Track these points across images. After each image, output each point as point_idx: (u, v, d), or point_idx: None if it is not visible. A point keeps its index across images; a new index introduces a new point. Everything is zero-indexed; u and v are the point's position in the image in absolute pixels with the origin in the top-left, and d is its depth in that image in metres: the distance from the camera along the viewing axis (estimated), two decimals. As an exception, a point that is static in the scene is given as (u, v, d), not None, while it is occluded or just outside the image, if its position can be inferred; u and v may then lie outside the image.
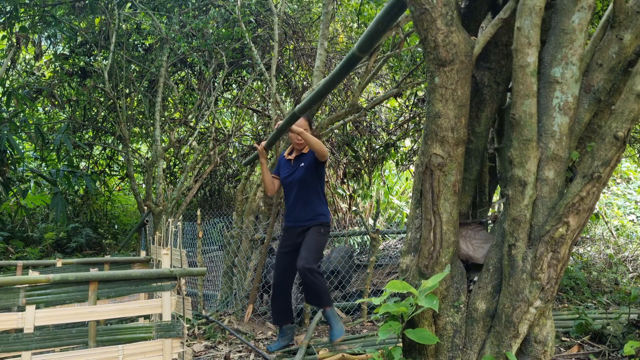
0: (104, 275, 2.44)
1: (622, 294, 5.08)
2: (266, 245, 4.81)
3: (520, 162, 2.09)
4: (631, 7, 2.10)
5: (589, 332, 3.64)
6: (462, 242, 2.41)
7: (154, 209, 6.60)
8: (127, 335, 2.36)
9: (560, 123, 2.07)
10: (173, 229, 3.20)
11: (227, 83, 8.72)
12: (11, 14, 5.80)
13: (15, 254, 7.30)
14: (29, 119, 6.25)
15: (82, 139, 8.19)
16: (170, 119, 8.50)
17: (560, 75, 2.07)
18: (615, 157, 1.94)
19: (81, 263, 3.38)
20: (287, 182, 3.80)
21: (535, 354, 2.17)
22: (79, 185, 6.92)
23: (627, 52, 2.14)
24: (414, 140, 8.57)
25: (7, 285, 2.26)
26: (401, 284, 2.20)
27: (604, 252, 7.31)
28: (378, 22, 2.40)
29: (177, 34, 6.44)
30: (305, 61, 7.54)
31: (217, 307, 5.27)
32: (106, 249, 8.96)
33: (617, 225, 9.22)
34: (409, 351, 2.39)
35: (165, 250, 2.81)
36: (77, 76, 7.62)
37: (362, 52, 2.65)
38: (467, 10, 2.53)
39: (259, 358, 3.58)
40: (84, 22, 6.96)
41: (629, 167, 11.78)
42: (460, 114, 2.18)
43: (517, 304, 2.09)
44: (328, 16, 5.09)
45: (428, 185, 2.25)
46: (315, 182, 3.74)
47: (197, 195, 10.28)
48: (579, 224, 2.03)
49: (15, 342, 2.18)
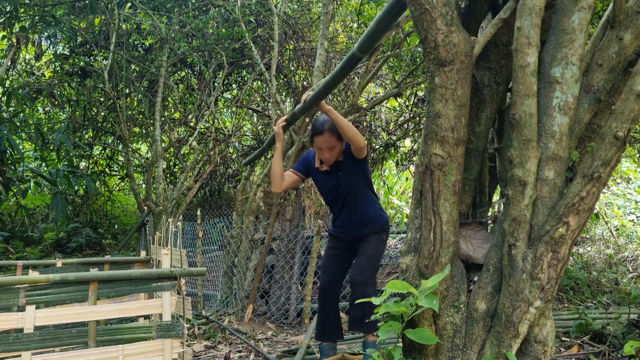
0: (104, 275, 2.44)
1: (622, 294, 5.08)
2: (266, 245, 4.81)
3: (520, 162, 2.09)
4: (631, 7, 2.09)
5: (589, 332, 3.64)
6: (462, 242, 2.41)
7: (154, 209, 6.60)
8: (127, 335, 2.36)
9: (560, 123, 2.07)
10: (173, 229, 3.20)
11: (227, 83, 8.72)
12: (11, 14, 5.80)
13: (15, 254, 7.31)
14: (29, 119, 6.25)
15: (82, 139, 8.19)
16: (170, 119, 8.50)
17: (560, 75, 2.07)
18: (615, 157, 1.94)
19: (81, 263, 3.38)
20: (330, 199, 3.20)
21: (535, 354, 2.17)
22: (79, 185, 6.93)
23: (627, 52, 2.14)
24: (414, 140, 8.57)
25: (7, 285, 2.26)
26: (401, 284, 2.20)
27: (604, 252, 7.31)
28: (378, 22, 2.40)
29: (177, 34, 6.44)
30: (305, 61, 7.54)
31: (217, 307, 5.27)
32: (106, 249, 8.96)
33: (617, 225, 9.22)
34: (409, 351, 2.39)
35: (165, 250, 2.81)
36: (77, 76, 7.62)
37: (362, 52, 2.65)
38: (467, 10, 2.53)
39: (259, 358, 3.58)
40: (84, 22, 6.96)
41: (629, 167, 11.78)
42: (460, 114, 2.18)
43: (517, 304, 2.09)
44: (328, 16, 5.10)
45: (428, 185, 2.25)
46: (361, 184, 3.12)
47: (197, 195, 10.26)
48: (579, 224, 2.03)
49: (15, 342, 2.18)
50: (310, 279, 4.66)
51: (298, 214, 4.97)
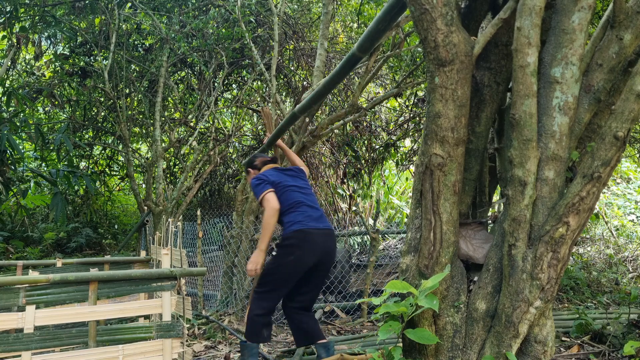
0: (104, 275, 2.44)
1: (622, 294, 5.08)
2: (266, 245, 4.81)
3: (520, 162, 2.09)
4: (631, 7, 2.09)
5: (589, 332, 3.64)
6: (462, 242, 2.41)
7: (154, 209, 6.60)
8: (127, 335, 2.36)
9: (560, 123, 2.07)
10: (173, 229, 3.20)
11: (227, 83, 8.73)
12: (11, 14, 5.80)
13: (15, 254, 7.31)
14: (29, 119, 6.25)
15: (82, 139, 8.19)
16: (170, 119, 8.50)
17: (560, 75, 2.07)
18: (615, 157, 1.94)
19: (81, 263, 3.38)
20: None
21: (535, 354, 2.17)
22: (79, 185, 6.93)
23: (627, 52, 2.14)
24: (414, 140, 8.57)
25: (7, 285, 2.26)
26: (401, 284, 2.20)
27: (604, 252, 7.30)
28: (378, 22, 2.40)
29: (177, 34, 6.44)
30: (305, 61, 7.55)
31: (217, 307, 5.27)
32: (106, 249, 8.97)
33: (617, 225, 9.22)
34: (409, 351, 2.39)
35: (165, 250, 2.81)
36: (77, 76, 7.62)
37: (362, 52, 2.65)
38: (467, 10, 2.53)
39: (259, 358, 3.58)
40: (84, 22, 6.96)
41: (629, 167, 11.78)
42: (460, 114, 2.18)
43: (517, 304, 2.09)
44: (328, 16, 5.10)
45: (428, 185, 2.25)
46: None
47: (197, 195, 10.28)
48: (579, 224, 2.03)
49: (15, 342, 2.18)
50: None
51: (298, 214, 4.96)
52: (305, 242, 3.01)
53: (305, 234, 3.01)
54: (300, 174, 3.42)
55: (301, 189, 3.26)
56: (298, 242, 3.00)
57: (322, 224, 3.13)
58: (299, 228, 3.02)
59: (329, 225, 3.20)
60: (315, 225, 3.08)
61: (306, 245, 3.01)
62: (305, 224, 3.05)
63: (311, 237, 3.03)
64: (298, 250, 3.00)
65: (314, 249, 3.03)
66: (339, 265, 5.53)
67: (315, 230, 3.06)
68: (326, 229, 3.13)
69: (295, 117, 3.56)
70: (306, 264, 3.03)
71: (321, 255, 3.07)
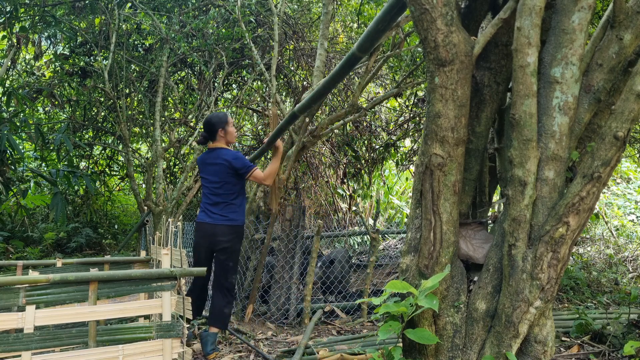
0: (104, 275, 2.44)
1: (622, 294, 5.08)
2: (266, 245, 4.81)
3: (520, 162, 2.09)
4: (631, 7, 2.10)
5: (589, 332, 3.64)
6: (462, 242, 2.41)
7: (154, 209, 6.60)
8: (127, 335, 2.36)
9: (560, 123, 2.07)
10: (173, 229, 3.20)
11: (227, 83, 8.72)
12: (11, 14, 5.80)
13: (15, 254, 7.31)
14: (29, 119, 6.25)
15: (82, 139, 8.19)
16: (170, 119, 8.49)
17: (560, 75, 2.07)
18: (615, 157, 1.94)
19: (81, 263, 3.38)
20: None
21: (535, 354, 2.17)
22: (79, 185, 6.92)
23: (627, 52, 2.14)
24: (414, 140, 8.57)
25: (7, 285, 2.26)
26: (401, 284, 2.20)
27: (604, 252, 7.31)
28: (378, 22, 2.40)
29: (177, 34, 6.44)
30: (305, 61, 7.54)
31: (217, 307, 5.25)
32: (106, 249, 8.96)
33: (617, 225, 9.22)
34: (409, 351, 2.39)
35: (165, 250, 2.81)
36: (77, 76, 7.62)
37: (362, 52, 2.65)
38: (467, 10, 2.53)
39: (258, 358, 3.58)
40: (84, 22, 6.96)
41: (629, 167, 11.78)
42: (460, 114, 2.18)
43: (517, 304, 2.09)
44: (328, 16, 5.10)
45: (428, 185, 2.25)
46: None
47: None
48: (579, 224, 2.03)
49: (15, 342, 2.18)
50: (310, 279, 4.66)
51: (298, 214, 4.97)
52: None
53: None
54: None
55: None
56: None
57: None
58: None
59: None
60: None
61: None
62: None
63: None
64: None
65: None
66: (338, 265, 5.53)
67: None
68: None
69: (295, 116, 3.56)
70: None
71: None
